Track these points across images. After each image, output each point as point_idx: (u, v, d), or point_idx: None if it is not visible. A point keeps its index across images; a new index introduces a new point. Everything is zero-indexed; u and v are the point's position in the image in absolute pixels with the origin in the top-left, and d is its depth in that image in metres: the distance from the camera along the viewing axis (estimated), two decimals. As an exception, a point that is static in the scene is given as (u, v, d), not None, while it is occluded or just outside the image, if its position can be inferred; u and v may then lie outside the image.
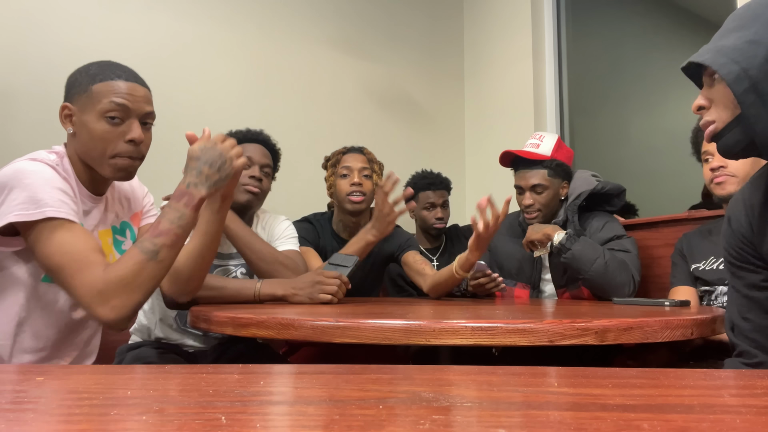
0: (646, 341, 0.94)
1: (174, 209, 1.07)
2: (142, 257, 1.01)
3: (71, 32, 2.13)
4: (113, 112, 1.13)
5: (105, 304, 0.98)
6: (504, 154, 1.98)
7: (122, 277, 0.99)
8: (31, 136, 2.00)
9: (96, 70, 1.16)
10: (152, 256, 1.02)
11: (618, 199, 1.97)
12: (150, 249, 1.02)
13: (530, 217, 1.93)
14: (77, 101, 1.15)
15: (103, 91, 1.13)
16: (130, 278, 1.00)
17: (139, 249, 1.02)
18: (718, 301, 1.56)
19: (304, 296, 1.38)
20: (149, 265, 1.02)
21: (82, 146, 1.15)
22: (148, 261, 1.02)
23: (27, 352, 1.15)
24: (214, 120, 1.85)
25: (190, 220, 1.08)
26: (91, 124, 1.13)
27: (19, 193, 1.02)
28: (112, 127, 1.13)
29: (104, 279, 0.99)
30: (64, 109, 1.17)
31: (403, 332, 0.90)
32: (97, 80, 1.14)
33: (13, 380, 0.49)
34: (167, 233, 1.05)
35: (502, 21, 3.08)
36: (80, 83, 1.15)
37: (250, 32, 2.58)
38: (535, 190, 1.91)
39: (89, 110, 1.13)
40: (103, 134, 1.13)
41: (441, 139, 3.18)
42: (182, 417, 0.37)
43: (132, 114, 1.15)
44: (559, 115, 2.92)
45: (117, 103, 1.13)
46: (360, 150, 1.99)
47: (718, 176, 1.52)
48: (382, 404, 0.41)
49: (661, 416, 0.37)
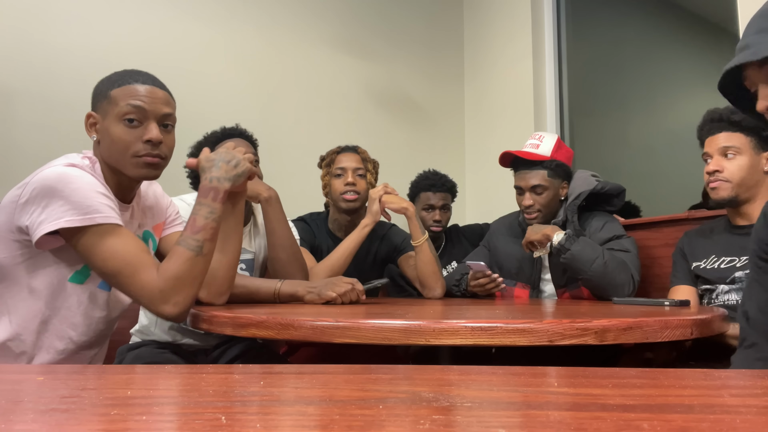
0: (645, 341, 0.94)
1: (204, 205, 1.16)
2: (190, 254, 1.10)
3: (71, 32, 2.13)
4: (131, 115, 1.15)
5: (167, 302, 1.07)
6: (504, 154, 1.98)
7: (177, 275, 1.08)
8: (31, 136, 2.00)
9: (116, 77, 1.19)
10: (198, 252, 1.11)
11: (618, 199, 1.97)
12: (195, 246, 1.11)
13: (530, 217, 1.93)
14: (99, 109, 1.18)
15: (121, 95, 1.16)
16: (184, 275, 1.09)
17: (185, 247, 1.11)
18: (719, 299, 1.56)
19: (315, 293, 1.41)
20: (198, 260, 1.11)
21: (107, 151, 1.18)
22: (196, 257, 1.11)
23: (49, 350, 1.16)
24: (215, 120, 1.85)
25: (221, 213, 1.18)
26: (111, 129, 1.15)
27: (67, 198, 1.05)
28: (130, 129, 1.15)
29: (162, 279, 1.07)
30: (89, 118, 1.20)
31: (403, 332, 0.90)
32: (116, 85, 1.17)
33: (13, 380, 0.49)
34: (205, 228, 1.13)
35: (502, 21, 3.08)
36: (101, 91, 1.19)
37: (251, 33, 2.58)
38: (535, 191, 1.91)
39: (109, 115, 1.16)
40: (121, 136, 1.15)
41: (441, 139, 3.18)
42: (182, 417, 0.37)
43: (150, 116, 1.17)
44: (559, 115, 2.92)
45: (134, 106, 1.15)
46: (354, 149, 2.00)
47: (713, 181, 1.55)
48: (382, 404, 0.41)
49: (661, 416, 0.37)
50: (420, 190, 2.33)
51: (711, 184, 1.56)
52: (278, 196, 1.61)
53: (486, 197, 3.07)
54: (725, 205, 1.59)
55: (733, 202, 1.55)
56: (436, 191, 2.31)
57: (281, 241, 1.58)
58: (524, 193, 1.93)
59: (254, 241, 1.72)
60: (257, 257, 1.71)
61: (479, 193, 3.12)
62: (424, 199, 2.31)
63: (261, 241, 1.73)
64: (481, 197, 3.11)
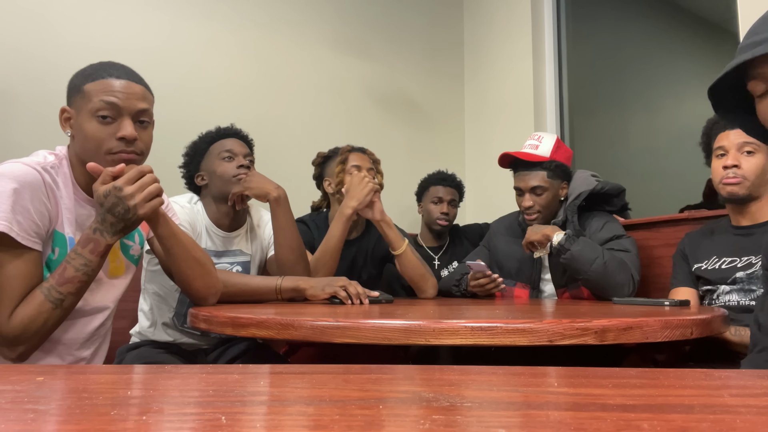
0: (645, 341, 0.94)
1: (80, 255, 1.07)
2: (48, 306, 1.05)
3: (71, 32, 2.13)
4: (104, 111, 1.10)
5: (10, 347, 1.04)
6: (503, 155, 1.97)
7: (28, 324, 1.03)
8: (31, 136, 2.00)
9: (90, 70, 1.14)
10: (58, 304, 1.06)
11: (618, 199, 1.97)
12: (57, 297, 1.05)
13: (530, 218, 1.93)
14: (74, 103, 1.14)
15: (94, 90, 1.11)
16: (35, 326, 1.04)
17: (45, 297, 1.05)
18: (720, 300, 1.56)
19: (319, 288, 1.41)
20: (54, 313, 1.06)
21: (80, 147, 1.14)
22: (54, 309, 1.06)
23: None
24: (215, 120, 1.85)
25: (96, 267, 1.09)
26: (84, 125, 1.11)
27: None
28: (104, 126, 1.11)
29: (11, 324, 1.03)
30: (63, 113, 1.16)
31: (403, 332, 0.90)
32: (90, 79, 1.12)
33: (13, 380, 0.49)
34: (73, 281, 1.06)
35: (502, 21, 3.08)
36: (75, 85, 1.15)
37: (251, 32, 2.58)
38: (535, 192, 1.91)
39: (83, 111, 1.12)
40: (95, 133, 1.11)
41: (441, 139, 3.18)
42: (182, 417, 0.37)
43: (124, 112, 1.12)
44: (559, 115, 2.92)
45: (107, 102, 1.10)
46: (363, 150, 2.00)
47: (731, 177, 1.49)
48: (382, 404, 0.41)
49: (661, 416, 0.37)
50: (429, 184, 2.38)
51: (728, 179, 1.50)
52: (287, 196, 1.59)
53: (486, 197, 3.07)
54: (735, 203, 1.55)
55: (745, 199, 1.52)
56: (446, 185, 2.35)
57: (289, 241, 1.57)
58: (524, 194, 1.93)
59: (251, 243, 1.71)
60: (253, 260, 1.70)
61: (479, 193, 3.12)
62: (433, 192, 2.35)
63: (258, 244, 1.72)
64: (481, 197, 3.11)
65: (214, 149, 1.65)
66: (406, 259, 1.82)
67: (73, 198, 1.16)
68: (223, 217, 1.63)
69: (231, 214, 1.64)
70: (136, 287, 1.62)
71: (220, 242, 1.63)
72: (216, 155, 1.63)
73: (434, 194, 2.34)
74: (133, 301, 1.66)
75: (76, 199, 1.17)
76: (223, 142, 1.66)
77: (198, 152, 1.68)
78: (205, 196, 1.66)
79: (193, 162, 1.68)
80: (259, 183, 1.57)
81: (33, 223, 1.06)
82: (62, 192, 1.14)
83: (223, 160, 1.62)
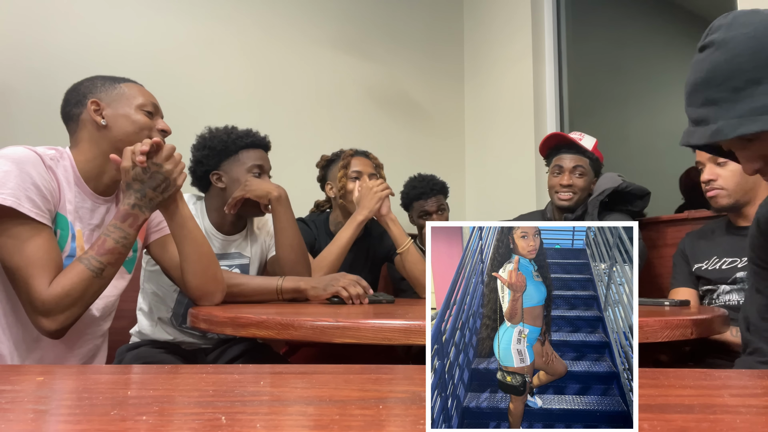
0: (645, 341, 0.94)
1: (119, 229, 1.12)
2: (89, 274, 1.06)
3: (71, 32, 2.13)
4: (149, 107, 1.27)
5: (48, 316, 1.04)
6: (550, 136, 2.08)
7: (68, 292, 1.04)
8: (31, 136, 2.00)
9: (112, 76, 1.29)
10: (98, 273, 1.08)
11: (641, 201, 2.04)
12: (97, 267, 1.07)
13: (565, 197, 2.00)
14: (105, 98, 1.24)
15: (134, 91, 1.27)
16: (75, 293, 1.05)
17: (85, 265, 1.07)
18: (720, 299, 1.56)
19: (321, 288, 1.40)
20: (95, 282, 1.07)
21: (122, 133, 1.22)
22: (94, 278, 1.07)
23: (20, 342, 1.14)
24: (215, 120, 1.85)
25: (132, 240, 1.14)
26: (132, 116, 1.24)
27: None
28: (149, 119, 1.27)
29: (50, 292, 1.03)
30: (93, 104, 1.22)
31: (403, 332, 0.90)
32: (122, 82, 1.28)
33: (13, 380, 0.49)
34: (113, 251, 1.10)
35: (502, 21, 3.08)
36: (104, 83, 1.26)
37: (251, 33, 2.58)
38: (576, 172, 2.00)
39: (125, 105, 1.24)
40: (145, 124, 1.25)
41: (441, 139, 3.18)
42: (182, 417, 0.37)
43: (158, 112, 1.31)
44: (559, 115, 2.92)
45: (151, 102, 1.28)
46: (366, 154, 2.00)
47: (709, 190, 1.57)
48: (382, 404, 0.41)
49: (661, 416, 0.37)
50: (412, 200, 2.28)
51: (708, 193, 1.57)
52: (287, 195, 1.58)
53: (486, 197, 3.07)
54: (727, 211, 1.61)
55: (734, 208, 1.55)
56: (427, 197, 2.25)
57: (290, 241, 1.56)
58: (563, 173, 2.01)
59: (251, 246, 1.70)
60: (252, 263, 1.69)
61: (479, 193, 3.12)
62: (417, 207, 2.26)
63: (258, 247, 1.71)
64: (481, 197, 3.11)
65: (245, 158, 1.60)
66: (410, 256, 1.82)
67: (74, 190, 1.18)
68: (226, 220, 1.62)
69: (233, 218, 1.63)
70: (135, 287, 1.62)
71: (218, 245, 1.62)
72: (245, 166, 1.59)
73: (419, 209, 2.25)
74: (133, 301, 1.66)
75: (79, 192, 1.19)
76: (254, 153, 1.61)
77: (224, 152, 1.60)
78: (213, 197, 1.62)
79: (213, 158, 1.61)
80: (259, 184, 1.57)
81: (43, 199, 1.09)
82: (62, 181, 1.16)
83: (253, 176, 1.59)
